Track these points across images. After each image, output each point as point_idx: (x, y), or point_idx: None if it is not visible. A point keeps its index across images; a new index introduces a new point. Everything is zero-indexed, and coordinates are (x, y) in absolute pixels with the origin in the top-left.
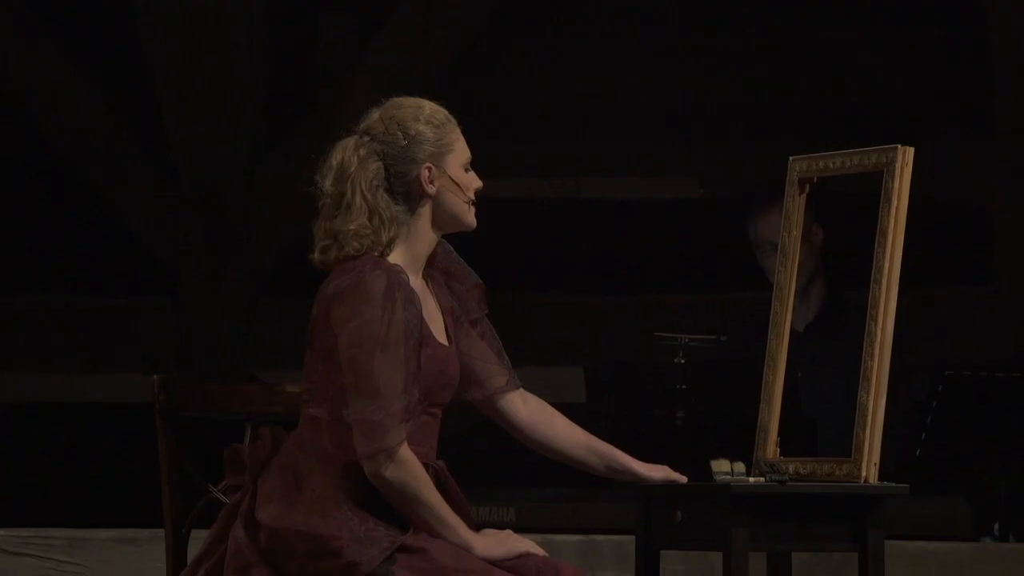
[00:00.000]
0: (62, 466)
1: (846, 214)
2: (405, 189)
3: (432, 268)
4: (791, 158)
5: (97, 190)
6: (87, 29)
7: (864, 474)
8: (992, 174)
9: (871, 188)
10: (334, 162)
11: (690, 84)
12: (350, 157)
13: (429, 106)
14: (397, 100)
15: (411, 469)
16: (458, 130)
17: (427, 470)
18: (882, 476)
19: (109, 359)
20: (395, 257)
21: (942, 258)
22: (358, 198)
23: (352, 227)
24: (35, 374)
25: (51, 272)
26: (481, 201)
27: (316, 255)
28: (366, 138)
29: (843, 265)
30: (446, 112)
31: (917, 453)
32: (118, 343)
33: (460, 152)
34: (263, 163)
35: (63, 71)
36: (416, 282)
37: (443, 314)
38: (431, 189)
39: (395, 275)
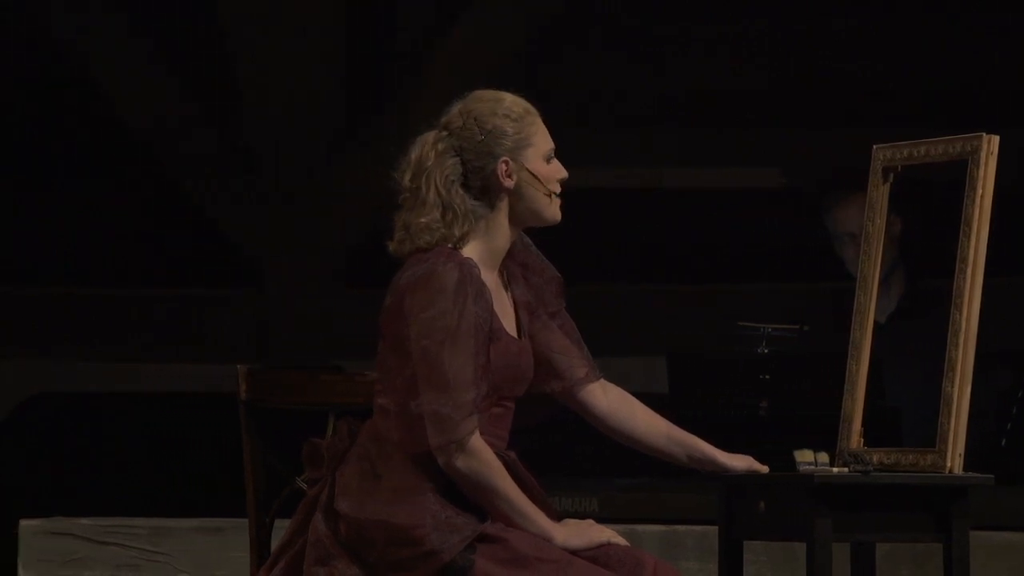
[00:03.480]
0: (147, 456)
1: (923, 203)
2: (482, 184)
3: (510, 261)
4: (875, 146)
5: (178, 181)
6: (169, 19)
7: (949, 464)
8: None
9: (948, 176)
10: (413, 157)
11: (776, 71)
12: (428, 152)
13: (508, 99)
14: (477, 93)
15: (484, 459)
16: (539, 121)
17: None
18: (967, 466)
19: (194, 349)
20: (469, 251)
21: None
22: (432, 194)
23: (424, 220)
24: (120, 364)
25: (139, 264)
26: (565, 192)
27: (393, 244)
28: (444, 133)
29: (921, 254)
30: (526, 104)
31: (1003, 443)
32: (202, 333)
33: (540, 144)
34: (343, 152)
35: (144, 62)
36: (490, 277)
37: (516, 308)
38: (508, 183)
39: (467, 268)
